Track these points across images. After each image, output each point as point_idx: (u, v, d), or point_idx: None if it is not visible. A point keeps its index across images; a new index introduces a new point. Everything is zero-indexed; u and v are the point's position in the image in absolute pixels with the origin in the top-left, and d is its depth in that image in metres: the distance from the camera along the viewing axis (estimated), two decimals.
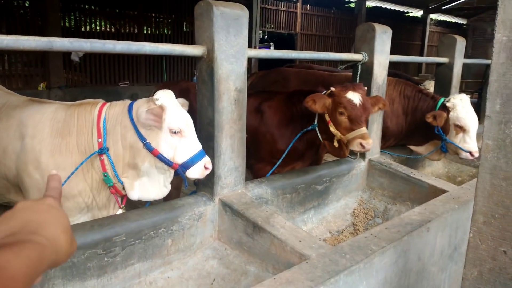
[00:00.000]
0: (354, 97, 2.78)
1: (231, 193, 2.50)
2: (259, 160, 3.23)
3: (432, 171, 4.46)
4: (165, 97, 2.12)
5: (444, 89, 4.78)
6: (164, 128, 2.09)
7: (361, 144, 2.71)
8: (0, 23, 7.33)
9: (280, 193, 2.83)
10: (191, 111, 2.33)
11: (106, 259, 1.98)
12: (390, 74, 4.48)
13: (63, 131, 2.19)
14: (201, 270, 2.28)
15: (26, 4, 7.79)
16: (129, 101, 2.23)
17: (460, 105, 3.62)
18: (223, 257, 2.36)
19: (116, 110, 2.21)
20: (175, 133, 2.10)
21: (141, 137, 2.11)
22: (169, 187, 2.30)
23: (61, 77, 7.95)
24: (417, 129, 3.96)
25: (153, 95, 2.12)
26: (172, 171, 2.22)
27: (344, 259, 1.90)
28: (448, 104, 3.68)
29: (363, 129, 2.75)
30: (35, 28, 7.65)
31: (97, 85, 8.68)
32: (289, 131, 3.10)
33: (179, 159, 2.13)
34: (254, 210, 2.33)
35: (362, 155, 3.53)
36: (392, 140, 4.15)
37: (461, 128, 3.61)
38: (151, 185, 2.24)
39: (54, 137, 2.18)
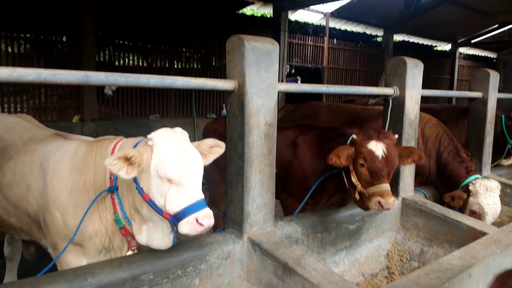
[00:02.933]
0: (377, 148, 2.52)
1: (260, 231, 2.42)
2: (289, 196, 3.14)
3: None
4: (159, 137, 1.92)
5: (478, 124, 4.63)
6: (151, 172, 1.89)
7: (379, 203, 2.45)
8: (39, 57, 7.68)
9: (310, 232, 2.73)
10: None
11: None
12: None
13: (82, 168, 2.15)
14: None
15: (64, 39, 8.16)
16: (139, 138, 2.11)
17: (484, 195, 3.40)
18: None
19: (127, 147, 2.07)
20: (165, 178, 1.87)
21: (135, 180, 1.94)
22: (171, 238, 2.02)
23: (94, 110, 8.17)
24: (442, 184, 3.91)
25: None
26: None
27: None
28: (471, 188, 3.49)
29: (384, 186, 2.48)
30: (71, 62, 7.96)
31: (128, 118, 8.88)
32: (321, 169, 2.96)
33: (169, 208, 1.86)
34: (284, 250, 2.23)
35: (395, 193, 3.39)
36: (422, 181, 4.02)
37: (476, 215, 3.41)
38: (156, 233, 2.04)
39: (73, 174, 2.15)
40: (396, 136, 2.72)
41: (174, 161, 1.87)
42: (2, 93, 7.31)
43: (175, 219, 1.85)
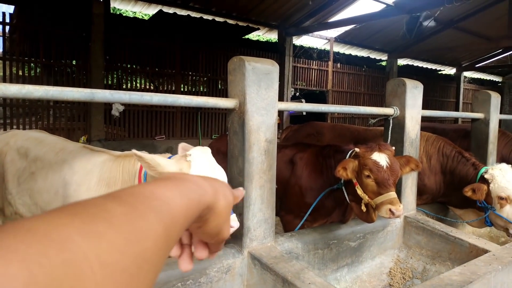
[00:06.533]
0: (381, 158, 2.59)
1: (261, 246, 2.44)
2: (288, 212, 3.16)
3: (474, 230, 4.21)
4: (196, 154, 2.10)
5: (481, 145, 4.65)
6: None
7: (390, 210, 2.49)
8: (48, 80, 7.89)
9: (311, 248, 2.74)
10: None
11: None
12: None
13: (109, 181, 2.27)
14: None
15: (73, 63, 8.39)
16: (167, 155, 2.22)
17: (500, 175, 3.38)
18: None
19: None
20: None
21: None
22: None
23: (101, 131, 8.33)
24: (455, 192, 3.79)
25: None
26: None
27: None
28: (486, 176, 3.47)
29: (392, 194, 2.54)
30: (80, 85, 8.17)
31: (134, 139, 9.01)
32: (318, 185, 3.01)
33: None
34: (283, 265, 2.25)
35: None
36: (430, 199, 4.00)
37: (506, 200, 3.34)
38: None
39: (101, 185, 2.26)
40: (394, 148, 2.78)
41: (210, 175, 2.05)
42: (12, 114, 7.49)
43: None
